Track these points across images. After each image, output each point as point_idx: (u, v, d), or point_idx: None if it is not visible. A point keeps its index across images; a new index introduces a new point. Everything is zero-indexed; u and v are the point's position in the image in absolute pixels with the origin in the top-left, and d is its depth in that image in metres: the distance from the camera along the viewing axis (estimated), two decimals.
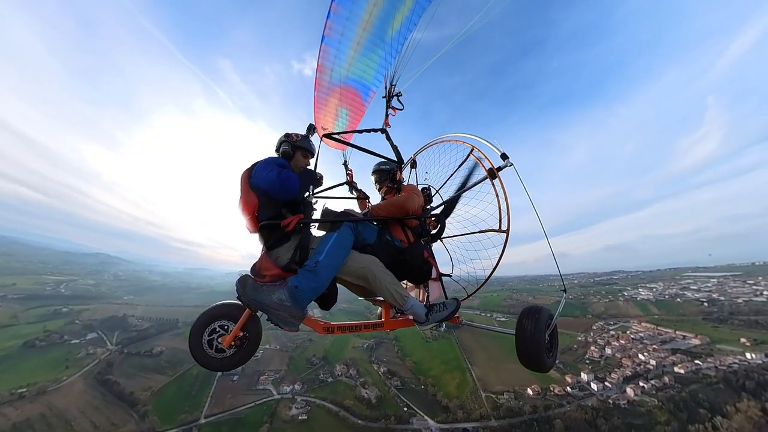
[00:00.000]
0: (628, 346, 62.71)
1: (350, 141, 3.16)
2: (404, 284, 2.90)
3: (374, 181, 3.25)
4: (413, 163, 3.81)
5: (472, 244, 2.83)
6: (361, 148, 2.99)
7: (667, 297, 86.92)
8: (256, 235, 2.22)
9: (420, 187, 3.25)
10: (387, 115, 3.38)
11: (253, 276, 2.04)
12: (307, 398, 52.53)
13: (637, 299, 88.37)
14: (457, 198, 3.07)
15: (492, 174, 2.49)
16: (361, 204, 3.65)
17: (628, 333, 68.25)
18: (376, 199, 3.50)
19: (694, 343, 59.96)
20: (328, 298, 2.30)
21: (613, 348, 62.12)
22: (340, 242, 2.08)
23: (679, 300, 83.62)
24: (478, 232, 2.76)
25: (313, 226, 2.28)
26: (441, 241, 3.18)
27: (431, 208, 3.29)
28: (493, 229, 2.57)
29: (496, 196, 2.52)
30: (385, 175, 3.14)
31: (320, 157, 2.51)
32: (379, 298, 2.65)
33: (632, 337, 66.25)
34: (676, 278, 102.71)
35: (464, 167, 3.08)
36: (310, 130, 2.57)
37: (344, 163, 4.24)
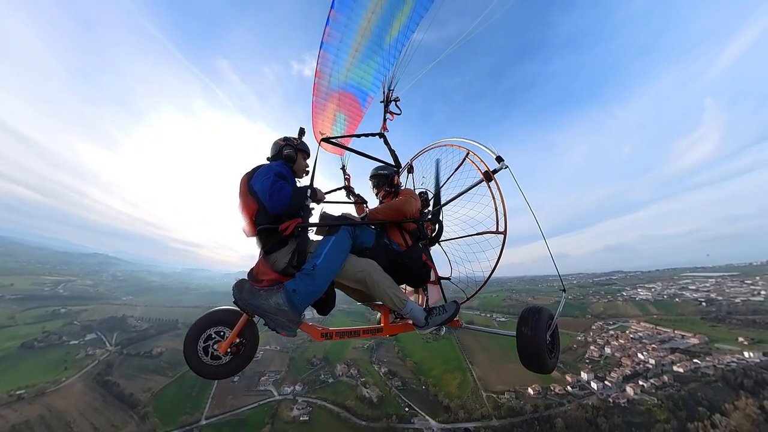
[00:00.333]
0: (628, 345, 63.10)
1: (348, 145, 3.16)
2: (403, 288, 2.94)
3: (372, 186, 3.26)
4: (410, 168, 3.83)
5: (470, 247, 2.83)
6: (359, 152, 3.03)
7: (665, 297, 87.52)
8: (254, 239, 2.19)
9: (417, 192, 3.28)
10: (385, 120, 3.39)
11: (250, 280, 2.01)
12: (308, 399, 52.45)
13: (636, 299, 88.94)
14: (439, 194, 3.08)
15: (488, 177, 2.52)
16: (359, 208, 3.65)
17: (627, 333, 68.65)
18: (373, 203, 3.49)
19: (692, 342, 60.50)
20: (326, 303, 2.26)
21: (613, 347, 62.49)
22: (338, 246, 2.07)
23: (677, 300, 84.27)
24: (476, 234, 2.76)
25: (311, 230, 2.26)
26: (439, 244, 3.17)
27: (428, 211, 3.32)
28: (491, 231, 2.57)
29: (493, 199, 2.53)
30: (383, 180, 3.14)
31: (318, 160, 2.54)
32: (378, 303, 2.62)
33: (631, 336, 66.66)
34: (675, 278, 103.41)
35: (460, 171, 3.12)
36: (302, 133, 2.59)
37: (342, 168, 4.27)
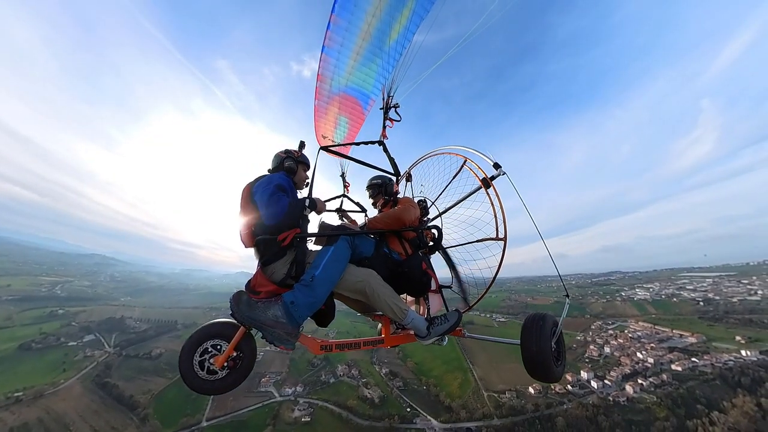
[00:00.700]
0: (627, 344, 63.66)
1: (348, 153, 3.13)
2: (404, 298, 2.94)
3: (369, 197, 3.24)
4: (408, 177, 3.82)
5: (471, 254, 2.81)
6: (358, 161, 2.99)
7: (663, 297, 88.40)
8: (252, 250, 2.16)
9: (416, 200, 3.27)
10: (384, 127, 3.35)
11: (248, 292, 1.97)
12: (309, 400, 52.32)
13: (635, 299, 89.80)
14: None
15: (486, 183, 2.52)
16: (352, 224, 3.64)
17: (626, 332, 69.29)
18: (372, 212, 3.44)
19: (690, 341, 61.18)
20: (326, 315, 2.21)
21: (612, 347, 63.01)
22: (336, 256, 2.04)
23: (675, 300, 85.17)
24: (476, 241, 2.74)
25: (309, 241, 2.23)
26: (439, 252, 3.13)
27: (428, 219, 3.32)
28: (491, 237, 2.56)
29: (492, 205, 2.52)
30: (377, 190, 3.12)
31: (320, 167, 2.55)
32: (379, 314, 2.59)
33: (630, 336, 67.28)
34: (673, 278, 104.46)
35: (458, 178, 3.09)
36: (303, 146, 2.65)
37: (342, 175, 4.28)
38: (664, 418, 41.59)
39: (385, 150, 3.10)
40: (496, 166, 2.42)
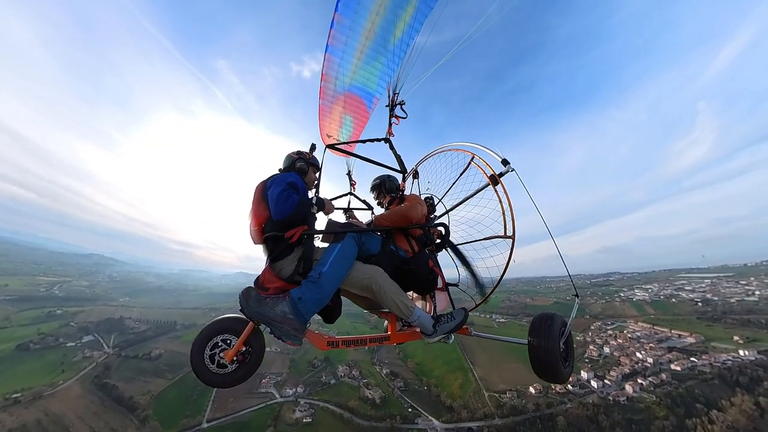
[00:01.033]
0: (626, 345, 64.04)
1: (356, 151, 3.13)
2: (410, 295, 2.88)
3: (374, 198, 3.26)
4: (415, 174, 3.77)
5: (478, 252, 2.74)
6: (365, 158, 2.97)
7: (662, 297, 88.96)
8: (261, 247, 2.21)
9: (423, 197, 3.24)
10: (390, 125, 3.34)
11: (256, 288, 2.01)
12: (310, 401, 52.20)
13: (633, 300, 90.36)
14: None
15: (494, 180, 2.48)
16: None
17: (625, 332, 69.73)
18: (379, 211, 3.44)
19: (689, 341, 61.69)
20: (332, 311, 2.25)
21: (611, 347, 63.36)
22: (343, 253, 2.06)
23: (674, 300, 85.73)
24: (484, 239, 2.69)
25: (317, 238, 2.26)
26: (446, 249, 3.07)
27: (435, 217, 3.29)
28: (499, 235, 2.50)
29: (500, 202, 2.48)
30: (379, 189, 3.13)
31: (325, 166, 2.58)
32: (385, 311, 2.59)
33: (629, 336, 67.70)
34: (671, 279, 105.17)
35: (465, 175, 3.05)
36: (313, 148, 2.71)
37: (348, 174, 4.29)
38: (664, 417, 41.88)
39: (392, 147, 3.11)
40: (505, 162, 2.37)
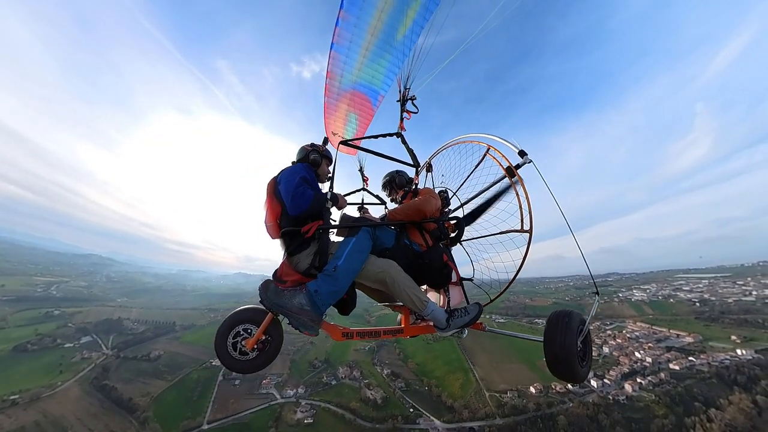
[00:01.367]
0: (625, 344, 64.43)
1: (366, 147, 3.15)
2: (424, 289, 2.89)
3: (387, 195, 3.23)
4: (428, 167, 3.70)
5: (494, 246, 2.68)
6: (378, 153, 2.97)
7: (660, 298, 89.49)
8: (278, 241, 2.26)
9: (437, 190, 3.16)
10: (402, 119, 3.31)
11: (274, 281, 2.08)
12: (311, 401, 52.01)
13: (632, 300, 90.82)
14: (479, 207, 2.87)
15: (510, 172, 2.41)
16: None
17: (624, 332, 70.19)
18: (393, 205, 3.44)
19: (687, 341, 62.15)
20: (347, 304, 2.29)
21: (611, 347, 63.76)
22: (358, 247, 2.09)
23: (672, 300, 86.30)
24: (500, 233, 2.61)
25: (331, 232, 2.28)
26: (461, 244, 3.03)
27: (449, 210, 3.23)
28: (515, 229, 2.43)
29: (516, 195, 2.40)
30: (390, 186, 3.10)
31: (336, 164, 2.60)
32: (399, 304, 2.59)
33: (628, 336, 68.13)
34: (669, 280, 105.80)
35: (480, 168, 2.97)
36: (326, 140, 2.74)
37: (360, 170, 4.28)
38: (663, 416, 42.22)
39: (404, 141, 3.11)
40: (522, 153, 2.29)
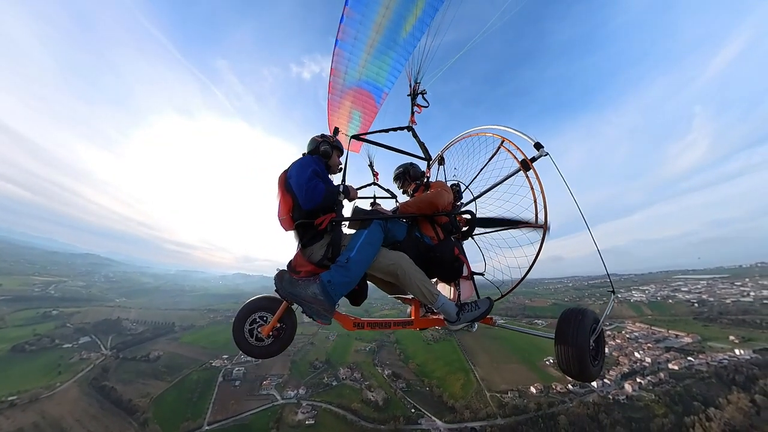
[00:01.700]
0: (624, 345, 64.77)
1: (377, 141, 3.14)
2: (434, 282, 2.85)
3: (398, 187, 3.22)
4: (441, 160, 3.64)
5: (506, 241, 2.66)
6: (390, 147, 2.93)
7: (659, 298, 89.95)
8: (291, 233, 2.31)
9: (449, 184, 3.13)
10: (413, 113, 3.31)
11: (289, 271, 2.13)
12: (312, 402, 51.81)
13: (631, 301, 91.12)
14: (496, 221, 2.78)
15: (525, 165, 2.34)
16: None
17: (624, 333, 70.51)
18: (404, 198, 3.45)
19: (686, 341, 62.59)
20: (359, 295, 2.32)
21: (610, 347, 63.92)
22: (370, 239, 2.12)
23: (670, 301, 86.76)
24: (513, 227, 2.58)
25: (344, 225, 2.31)
26: (473, 238, 3.01)
27: (461, 204, 3.20)
28: (529, 224, 2.38)
29: (531, 189, 2.34)
30: (403, 177, 3.09)
31: (348, 158, 2.59)
32: (409, 297, 2.61)
33: (627, 336, 68.47)
34: (668, 280, 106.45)
35: (494, 160, 2.91)
36: (337, 131, 2.73)
37: (370, 165, 4.30)
38: (663, 415, 42.51)
39: (415, 135, 3.10)
40: (538, 146, 2.22)
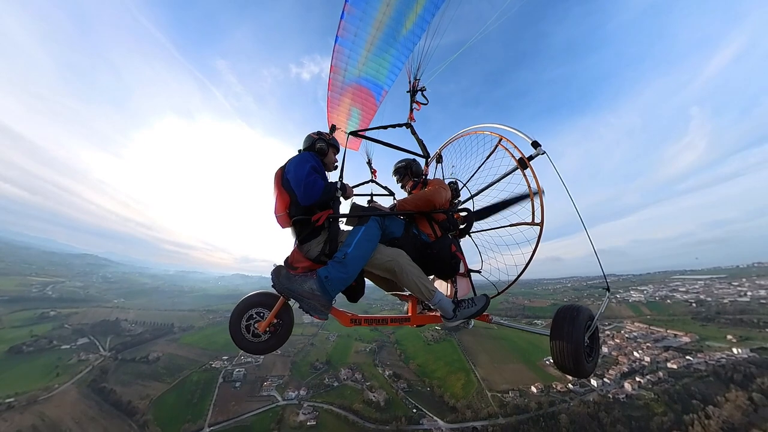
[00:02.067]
0: (623, 344, 65.20)
1: (376, 138, 3.11)
2: (431, 279, 2.87)
3: (397, 181, 3.21)
4: (439, 158, 3.63)
5: (503, 239, 2.65)
6: (388, 144, 2.95)
7: (657, 298, 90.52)
8: (289, 230, 2.30)
9: (447, 181, 3.12)
10: (411, 110, 3.31)
11: (286, 267, 2.13)
12: (314, 403, 51.65)
13: (629, 301, 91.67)
14: (492, 207, 2.82)
15: (522, 164, 2.36)
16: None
17: (622, 333, 71.02)
18: (401, 196, 3.40)
19: (684, 340, 63.08)
20: (356, 291, 2.33)
21: (609, 347, 64.48)
22: (367, 235, 2.12)
23: (669, 301, 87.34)
24: (510, 225, 2.57)
25: (341, 221, 2.32)
26: (470, 235, 3.02)
27: (459, 201, 3.20)
28: (526, 222, 2.39)
29: (528, 187, 2.35)
30: (404, 171, 3.08)
31: (345, 156, 2.57)
32: (406, 293, 2.63)
33: (626, 336, 68.95)
34: (666, 281, 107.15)
35: (492, 159, 2.91)
36: (333, 129, 2.70)
37: (368, 162, 4.27)
38: (663, 413, 42.89)
39: (414, 132, 3.11)
40: (535, 144, 2.24)
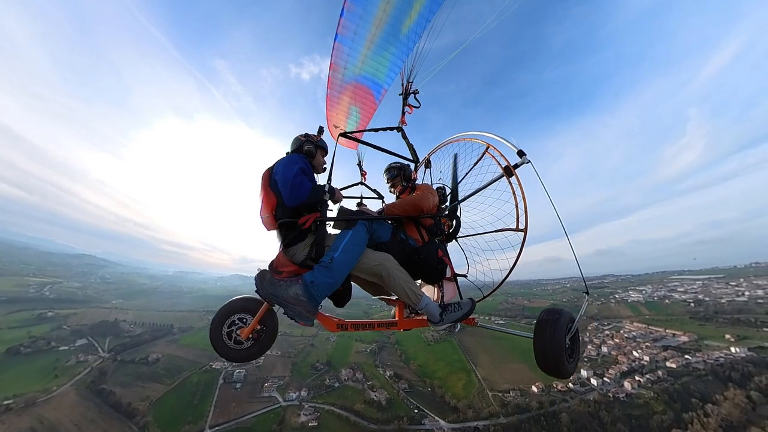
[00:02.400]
0: (623, 344, 65.63)
1: (366, 140, 3.11)
2: (418, 284, 2.87)
3: (386, 180, 3.18)
4: (428, 163, 3.68)
5: (489, 244, 2.72)
6: (377, 147, 2.96)
7: (656, 298, 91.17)
8: (274, 233, 2.26)
9: (435, 187, 3.18)
10: (403, 113, 3.30)
11: (271, 271, 2.08)
12: (315, 404, 51.52)
13: (628, 301, 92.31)
14: (457, 189, 2.90)
15: (508, 172, 2.41)
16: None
17: (622, 332, 71.49)
18: (390, 199, 3.43)
19: (683, 340, 63.56)
20: (343, 296, 2.30)
21: (609, 346, 64.87)
22: (355, 239, 2.09)
23: (667, 301, 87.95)
24: (495, 231, 2.65)
25: (328, 225, 2.29)
26: (456, 240, 3.06)
27: (446, 207, 3.23)
28: (511, 228, 2.46)
29: (513, 195, 2.42)
30: (397, 173, 3.09)
31: (335, 157, 2.57)
32: (393, 297, 2.64)
33: (625, 336, 69.42)
34: (664, 281, 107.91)
35: (479, 166, 2.95)
36: (321, 131, 2.67)
37: (358, 164, 4.25)
38: (662, 412, 43.21)
39: (404, 136, 3.11)
40: (521, 153, 2.29)
